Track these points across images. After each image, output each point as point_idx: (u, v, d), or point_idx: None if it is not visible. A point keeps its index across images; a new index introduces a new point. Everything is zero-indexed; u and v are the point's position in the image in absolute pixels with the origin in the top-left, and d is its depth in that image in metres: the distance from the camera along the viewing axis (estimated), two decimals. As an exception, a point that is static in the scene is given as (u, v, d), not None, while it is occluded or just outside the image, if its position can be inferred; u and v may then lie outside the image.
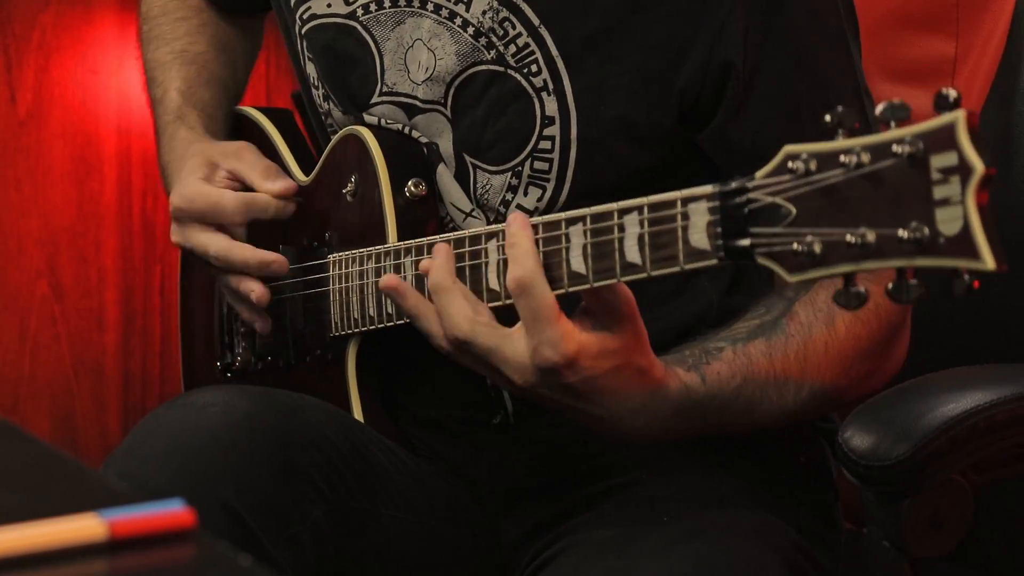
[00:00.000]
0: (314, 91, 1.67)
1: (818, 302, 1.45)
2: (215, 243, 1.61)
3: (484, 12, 1.53)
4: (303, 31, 1.65)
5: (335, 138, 1.62)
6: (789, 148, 1.16)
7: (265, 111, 1.78)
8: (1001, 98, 1.73)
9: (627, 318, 1.31)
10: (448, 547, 1.56)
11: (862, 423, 1.38)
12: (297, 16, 1.65)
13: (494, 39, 1.52)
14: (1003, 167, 1.69)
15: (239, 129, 1.79)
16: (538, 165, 1.52)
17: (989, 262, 1.07)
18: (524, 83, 1.52)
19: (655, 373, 1.34)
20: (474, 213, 1.55)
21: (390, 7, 1.58)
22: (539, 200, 1.53)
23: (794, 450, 1.60)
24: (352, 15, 1.60)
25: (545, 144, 1.52)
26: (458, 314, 1.34)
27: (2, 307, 2.60)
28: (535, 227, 1.32)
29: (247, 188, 1.64)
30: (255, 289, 1.61)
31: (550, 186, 1.52)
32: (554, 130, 1.51)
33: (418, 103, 1.57)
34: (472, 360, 1.35)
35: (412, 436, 1.62)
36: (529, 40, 1.51)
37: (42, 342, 2.64)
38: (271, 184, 1.62)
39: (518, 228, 1.32)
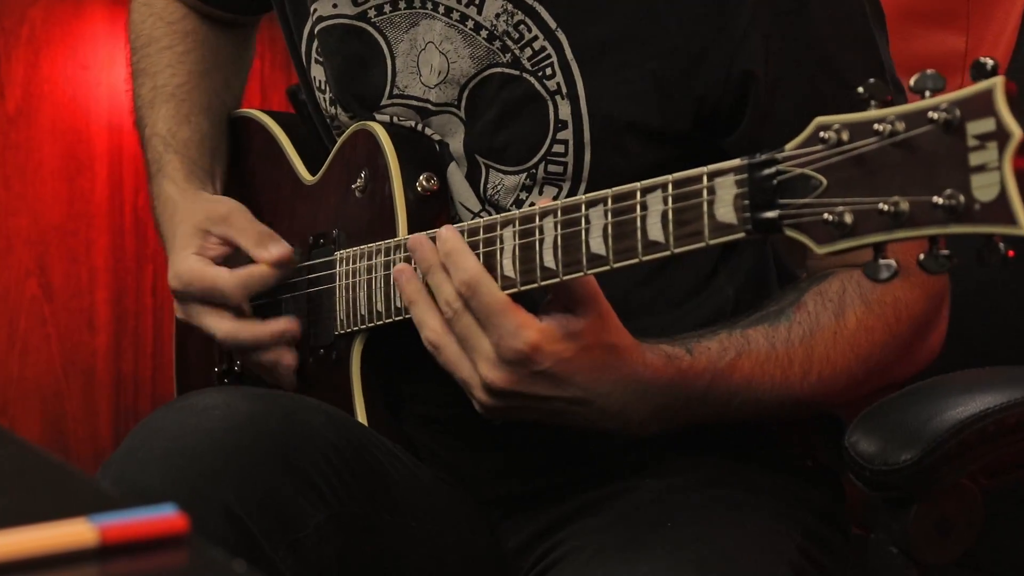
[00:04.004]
0: (319, 95, 1.66)
1: (829, 292, 1.45)
2: (221, 327, 1.61)
3: (498, 15, 1.52)
4: (315, 31, 1.63)
5: (346, 134, 1.61)
6: (820, 119, 1.16)
7: (271, 114, 1.77)
8: (1011, 93, 1.73)
9: (589, 299, 1.34)
10: (450, 552, 1.56)
11: (869, 427, 1.38)
12: (310, 16, 1.63)
13: (509, 42, 1.52)
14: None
15: (244, 132, 1.78)
16: (552, 168, 1.52)
17: None
18: (538, 86, 1.51)
19: (625, 342, 1.35)
20: (482, 213, 1.55)
21: (405, 8, 1.57)
22: (555, 198, 1.52)
23: (801, 454, 1.59)
24: (362, 16, 1.59)
25: (559, 148, 1.51)
26: (449, 292, 1.36)
27: (-9, 307, 2.60)
28: (554, 211, 1.33)
29: (241, 252, 1.62)
30: (284, 360, 1.60)
31: (567, 185, 1.52)
32: (567, 134, 1.51)
33: (430, 106, 1.57)
34: (455, 357, 1.37)
35: (415, 439, 1.61)
36: (546, 43, 1.50)
37: (32, 343, 2.63)
38: (266, 253, 1.60)
39: (448, 231, 1.37)
